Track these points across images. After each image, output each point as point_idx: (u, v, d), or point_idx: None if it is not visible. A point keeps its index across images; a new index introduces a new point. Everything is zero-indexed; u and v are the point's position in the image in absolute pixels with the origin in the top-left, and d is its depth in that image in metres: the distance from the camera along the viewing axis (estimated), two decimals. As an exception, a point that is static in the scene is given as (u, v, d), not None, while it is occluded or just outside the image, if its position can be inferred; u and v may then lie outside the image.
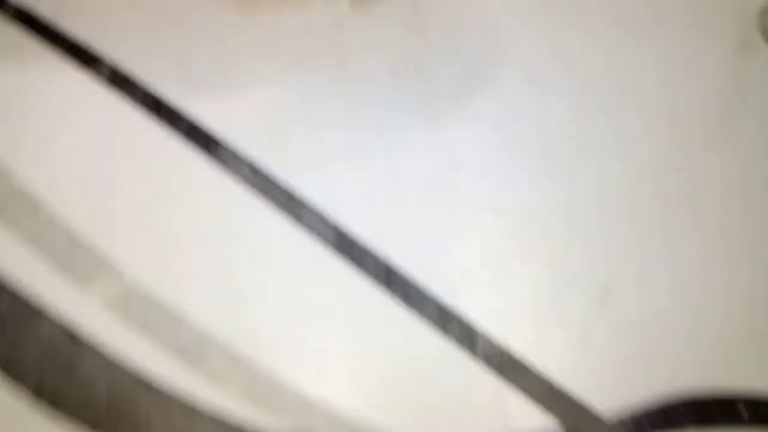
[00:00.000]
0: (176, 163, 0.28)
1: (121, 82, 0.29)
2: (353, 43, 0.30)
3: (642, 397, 0.26)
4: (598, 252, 0.28)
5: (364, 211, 0.28)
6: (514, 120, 0.29)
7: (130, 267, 0.26)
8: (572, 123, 0.29)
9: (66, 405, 0.25)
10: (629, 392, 0.26)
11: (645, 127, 0.30)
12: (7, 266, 0.26)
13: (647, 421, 0.26)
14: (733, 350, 0.27)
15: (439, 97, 0.30)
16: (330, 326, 0.27)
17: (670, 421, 0.26)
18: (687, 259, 0.28)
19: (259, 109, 0.29)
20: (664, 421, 0.26)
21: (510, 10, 0.31)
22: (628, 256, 0.28)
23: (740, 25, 0.31)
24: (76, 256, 0.27)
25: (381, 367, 0.26)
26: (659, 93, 0.30)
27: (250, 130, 0.29)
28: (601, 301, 0.27)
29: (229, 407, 0.25)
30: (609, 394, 0.26)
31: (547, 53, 0.30)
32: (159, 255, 0.27)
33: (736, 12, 0.31)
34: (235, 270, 0.27)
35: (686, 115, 0.30)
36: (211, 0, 0.30)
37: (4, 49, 0.30)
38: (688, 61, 0.31)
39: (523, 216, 0.28)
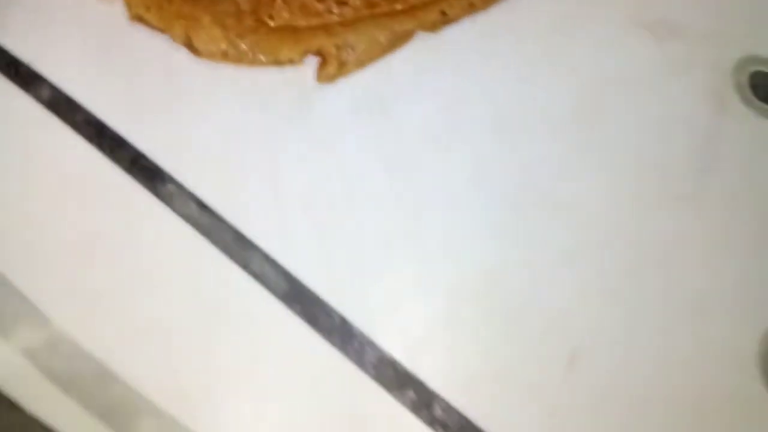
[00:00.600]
0: (116, 198, 0.26)
1: (61, 104, 0.27)
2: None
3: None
4: (566, 315, 0.26)
5: (319, 260, 0.26)
6: (482, 173, 0.27)
7: (56, 315, 0.24)
8: (540, 178, 0.28)
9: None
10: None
11: (614, 182, 0.28)
12: None
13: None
14: (715, 420, 0.25)
15: (405, 138, 0.28)
16: (275, 387, 0.24)
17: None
18: (659, 320, 0.26)
19: (211, 142, 0.27)
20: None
21: (484, 53, 0.29)
22: (597, 319, 0.26)
23: (714, 82, 0.30)
24: (-4, 299, 0.24)
25: (329, 430, 0.24)
26: (632, 147, 0.29)
27: (201, 164, 0.27)
28: (569, 367, 0.25)
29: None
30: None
31: (519, 98, 0.29)
32: (89, 302, 0.24)
33: (711, 68, 0.30)
34: (173, 322, 0.24)
35: (658, 169, 0.28)
36: (167, 44, 0.28)
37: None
38: (663, 115, 0.29)
39: (488, 273, 0.26)
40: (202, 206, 0.26)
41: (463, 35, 0.29)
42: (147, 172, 0.26)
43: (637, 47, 0.30)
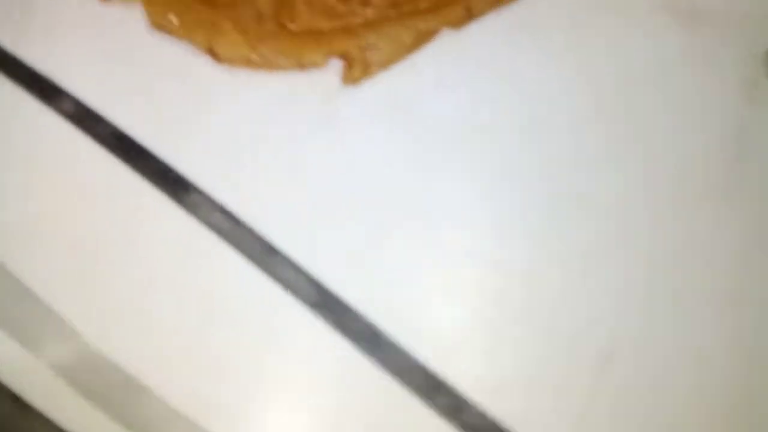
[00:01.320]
0: (141, 209, 0.26)
1: (84, 117, 0.27)
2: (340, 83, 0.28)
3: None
4: (599, 314, 0.26)
5: (348, 267, 0.25)
6: (509, 171, 0.27)
7: (84, 327, 0.24)
8: (568, 174, 0.27)
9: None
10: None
11: (646, 176, 0.27)
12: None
13: None
14: (750, 428, 0.25)
15: (431, 138, 0.27)
16: (306, 395, 0.24)
17: None
18: (695, 318, 0.26)
19: (236, 150, 0.27)
20: None
21: (509, 48, 0.28)
22: (631, 318, 0.26)
23: (747, 69, 0.29)
24: (24, 314, 0.24)
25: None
26: (662, 140, 0.28)
27: (225, 172, 0.26)
28: (601, 369, 0.25)
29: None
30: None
31: (545, 93, 0.28)
32: (117, 314, 0.24)
33: (743, 55, 0.29)
34: (201, 333, 0.24)
35: (690, 162, 0.28)
36: (189, 52, 0.27)
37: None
38: (693, 106, 0.28)
39: (517, 274, 0.26)
40: (228, 215, 0.26)
41: (487, 30, 0.28)
42: (171, 182, 0.26)
43: (665, 35, 0.29)
